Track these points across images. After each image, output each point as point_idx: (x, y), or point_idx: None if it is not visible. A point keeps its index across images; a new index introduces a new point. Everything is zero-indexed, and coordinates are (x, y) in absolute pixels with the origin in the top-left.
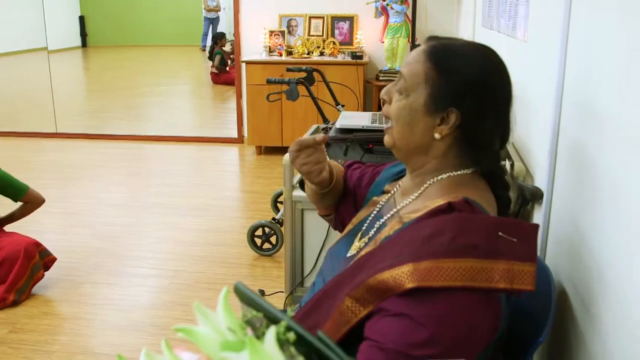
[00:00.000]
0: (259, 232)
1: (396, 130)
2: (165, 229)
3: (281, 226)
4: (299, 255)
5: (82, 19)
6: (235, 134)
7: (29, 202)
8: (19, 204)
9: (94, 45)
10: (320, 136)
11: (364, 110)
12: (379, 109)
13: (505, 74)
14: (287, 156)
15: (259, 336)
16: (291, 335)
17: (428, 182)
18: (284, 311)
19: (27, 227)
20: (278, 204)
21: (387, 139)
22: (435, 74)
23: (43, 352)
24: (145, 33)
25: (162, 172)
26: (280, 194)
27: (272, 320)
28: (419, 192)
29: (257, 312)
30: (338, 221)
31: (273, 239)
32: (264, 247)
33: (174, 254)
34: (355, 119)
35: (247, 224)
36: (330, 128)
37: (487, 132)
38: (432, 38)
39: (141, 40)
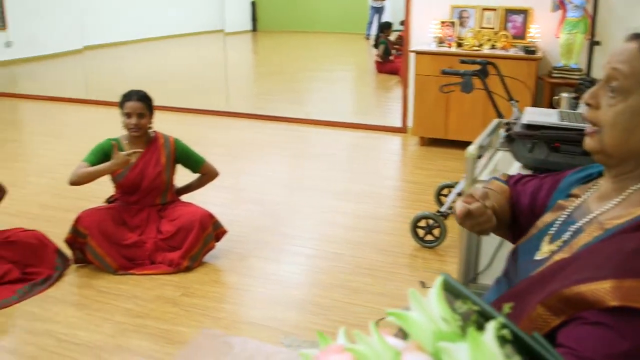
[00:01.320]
0: (422, 223)
1: (609, 135)
2: (326, 212)
3: (445, 219)
4: (474, 251)
5: (253, 4)
6: (398, 123)
7: (206, 173)
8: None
9: (263, 30)
10: (481, 203)
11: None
12: (550, 106)
13: None
14: (470, 148)
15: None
16: (506, 333)
17: (632, 188)
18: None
19: (198, 199)
20: (441, 197)
21: (591, 143)
22: None
23: (211, 318)
24: (312, 20)
25: (323, 155)
26: (445, 186)
27: (484, 315)
28: (621, 197)
29: (472, 305)
30: (516, 234)
31: (436, 232)
32: (426, 238)
33: (335, 237)
34: (542, 115)
35: (406, 214)
36: (515, 123)
37: None
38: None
39: (308, 27)
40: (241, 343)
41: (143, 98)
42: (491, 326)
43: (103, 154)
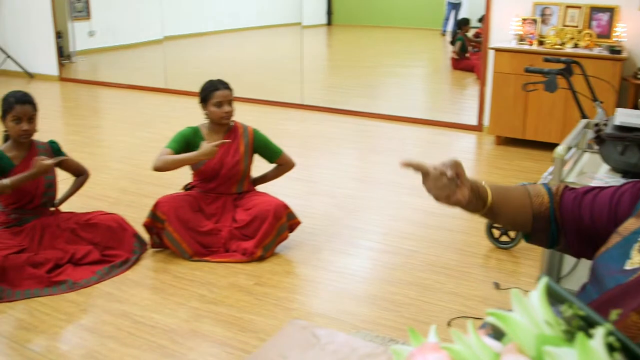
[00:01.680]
0: None
1: None
2: (399, 208)
3: None
4: (558, 255)
5: None
6: (474, 121)
7: (283, 164)
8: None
9: (338, 24)
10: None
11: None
12: (634, 107)
13: None
14: (559, 149)
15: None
16: (614, 340)
17: None
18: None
19: (272, 190)
20: None
21: None
22: None
23: (283, 308)
24: (387, 15)
25: (396, 151)
26: None
27: (587, 321)
28: None
29: (578, 310)
30: (586, 244)
31: (512, 233)
32: (501, 239)
33: (408, 234)
34: (636, 117)
35: None
36: (605, 125)
37: None
38: None
39: (383, 22)
40: (327, 335)
41: (229, 87)
42: (600, 332)
43: (185, 142)
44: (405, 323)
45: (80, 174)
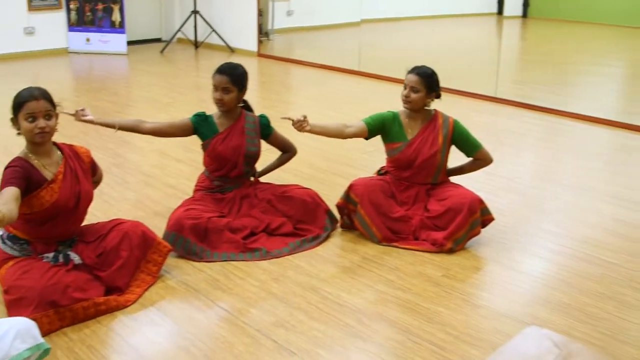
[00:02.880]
0: None
1: None
2: (597, 215)
3: None
4: None
5: None
6: None
7: (480, 159)
8: None
9: (534, 17)
10: None
11: None
12: None
13: None
14: None
15: None
16: None
17: None
18: None
19: (462, 182)
20: None
21: None
22: None
23: (471, 305)
24: (590, 9)
25: (592, 154)
26: None
27: None
28: None
29: None
30: None
31: None
32: None
33: (608, 245)
34: None
35: None
36: None
37: None
38: None
39: (583, 17)
40: (565, 344)
41: (420, 72)
42: None
43: (381, 123)
44: (600, 339)
45: (286, 151)
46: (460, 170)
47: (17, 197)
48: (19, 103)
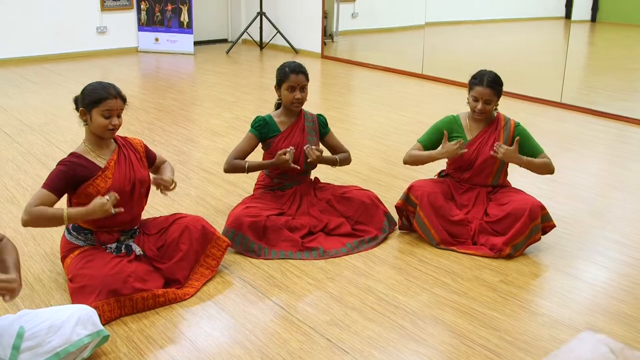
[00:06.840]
0: None
1: None
2: None
3: None
4: None
5: None
6: None
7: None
8: None
9: (603, 21)
10: None
11: None
12: None
13: None
14: None
15: None
16: None
17: None
18: None
19: (524, 187)
20: None
21: None
22: None
23: (529, 312)
24: None
25: None
26: None
27: None
28: None
29: None
30: None
31: None
32: None
33: None
34: None
35: None
36: None
37: None
38: None
39: None
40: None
41: (492, 83)
42: None
43: (436, 134)
44: None
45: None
46: (530, 163)
47: (47, 210)
48: (98, 99)
